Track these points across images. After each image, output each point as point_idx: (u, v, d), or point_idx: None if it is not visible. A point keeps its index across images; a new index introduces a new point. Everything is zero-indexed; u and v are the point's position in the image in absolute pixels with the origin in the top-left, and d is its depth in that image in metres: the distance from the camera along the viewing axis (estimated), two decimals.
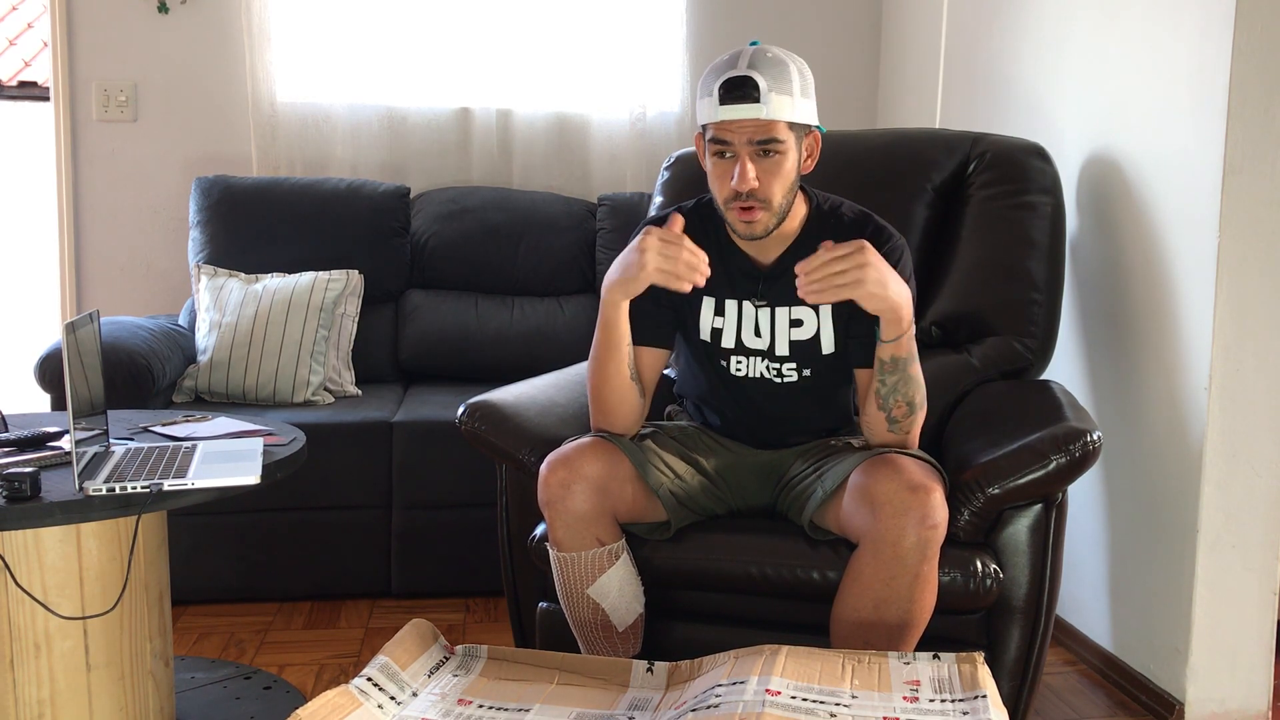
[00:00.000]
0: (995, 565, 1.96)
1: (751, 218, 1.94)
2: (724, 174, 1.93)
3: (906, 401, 1.92)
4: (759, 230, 1.96)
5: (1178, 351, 2.41)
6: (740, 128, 1.89)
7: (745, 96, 1.87)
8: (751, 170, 1.90)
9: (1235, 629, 2.39)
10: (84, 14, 3.56)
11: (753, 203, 1.92)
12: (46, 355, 2.79)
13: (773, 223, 1.96)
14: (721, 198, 1.96)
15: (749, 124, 1.88)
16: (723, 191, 1.95)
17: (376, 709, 1.56)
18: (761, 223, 1.95)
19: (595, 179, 3.81)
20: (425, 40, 3.68)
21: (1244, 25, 2.23)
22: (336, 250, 3.39)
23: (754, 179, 1.90)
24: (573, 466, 1.91)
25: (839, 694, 1.56)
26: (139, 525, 1.97)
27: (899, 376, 1.90)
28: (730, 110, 1.88)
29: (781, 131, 1.90)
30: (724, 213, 1.98)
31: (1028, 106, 2.99)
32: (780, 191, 1.94)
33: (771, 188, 1.92)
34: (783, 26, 3.90)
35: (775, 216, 1.96)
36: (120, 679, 2.00)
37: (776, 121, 1.89)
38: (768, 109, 1.87)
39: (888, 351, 1.89)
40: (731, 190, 1.92)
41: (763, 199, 1.92)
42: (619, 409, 2.02)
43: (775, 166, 1.92)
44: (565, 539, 1.93)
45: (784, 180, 1.93)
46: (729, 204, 1.95)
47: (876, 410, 1.95)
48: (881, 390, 1.93)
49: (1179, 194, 2.40)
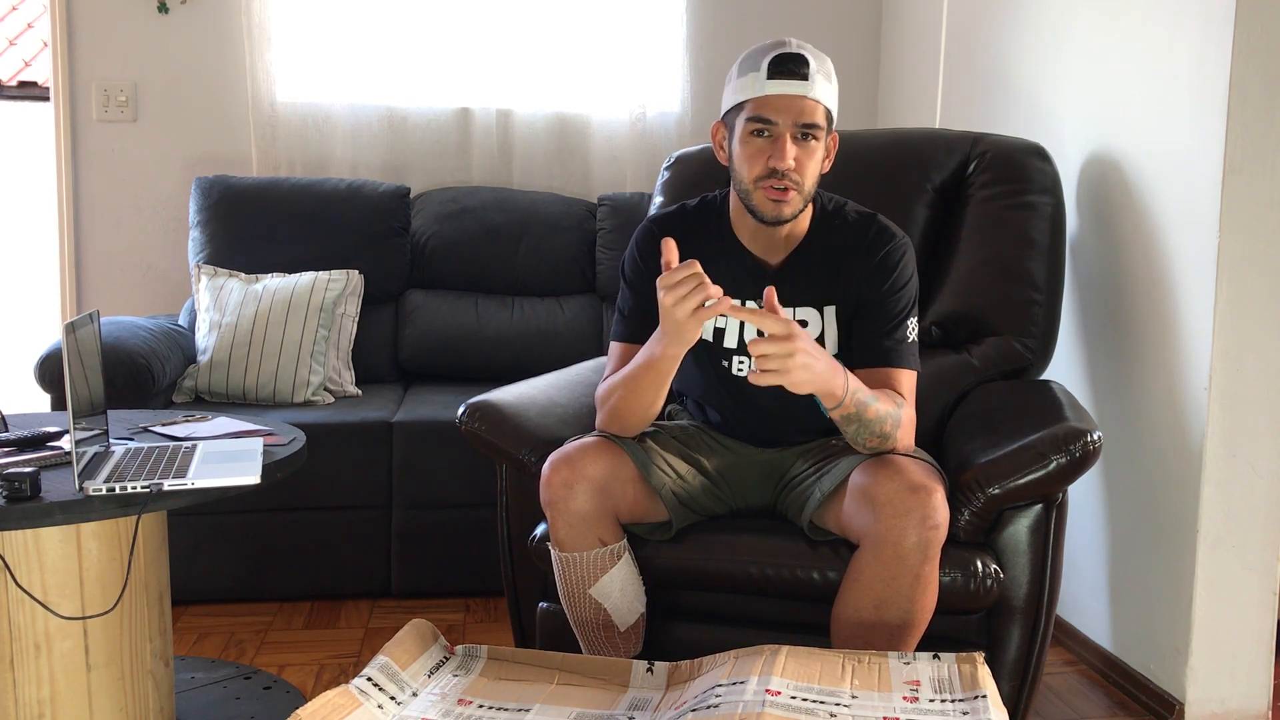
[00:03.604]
0: (995, 565, 1.96)
1: (784, 198, 1.92)
2: (759, 153, 1.92)
3: (877, 435, 1.91)
4: (787, 213, 1.94)
5: (1178, 351, 2.41)
6: (786, 107, 1.88)
7: (795, 73, 1.87)
8: (792, 150, 1.90)
9: (1235, 629, 2.39)
10: (84, 14, 3.56)
11: (787, 183, 1.91)
12: (46, 355, 2.79)
13: (800, 207, 1.96)
14: (751, 177, 1.93)
15: (794, 104, 1.88)
16: (754, 170, 1.92)
17: (376, 709, 1.56)
18: (792, 204, 1.94)
19: (595, 179, 3.81)
20: (425, 40, 3.68)
21: (1244, 25, 2.23)
22: (336, 250, 3.39)
23: (793, 159, 1.90)
24: (575, 466, 1.91)
25: (839, 694, 1.56)
26: (139, 525, 1.97)
27: (857, 425, 1.88)
28: (779, 85, 1.88)
29: (821, 118, 1.91)
30: (748, 194, 1.95)
31: (1028, 106, 2.99)
32: (812, 178, 1.94)
33: (806, 171, 1.92)
34: (783, 26, 3.90)
35: (804, 201, 1.96)
36: (120, 679, 2.00)
37: (819, 105, 1.91)
38: (814, 89, 1.89)
39: (836, 415, 1.87)
40: (767, 168, 1.91)
41: (797, 180, 1.92)
42: (637, 426, 2.02)
43: (811, 153, 1.92)
44: (567, 539, 1.92)
45: (816, 168, 1.94)
46: (760, 182, 1.92)
47: (852, 442, 1.95)
48: (848, 436, 1.92)
49: (1179, 194, 2.40)
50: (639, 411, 1.97)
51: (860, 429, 1.89)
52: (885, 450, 1.93)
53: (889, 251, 2.01)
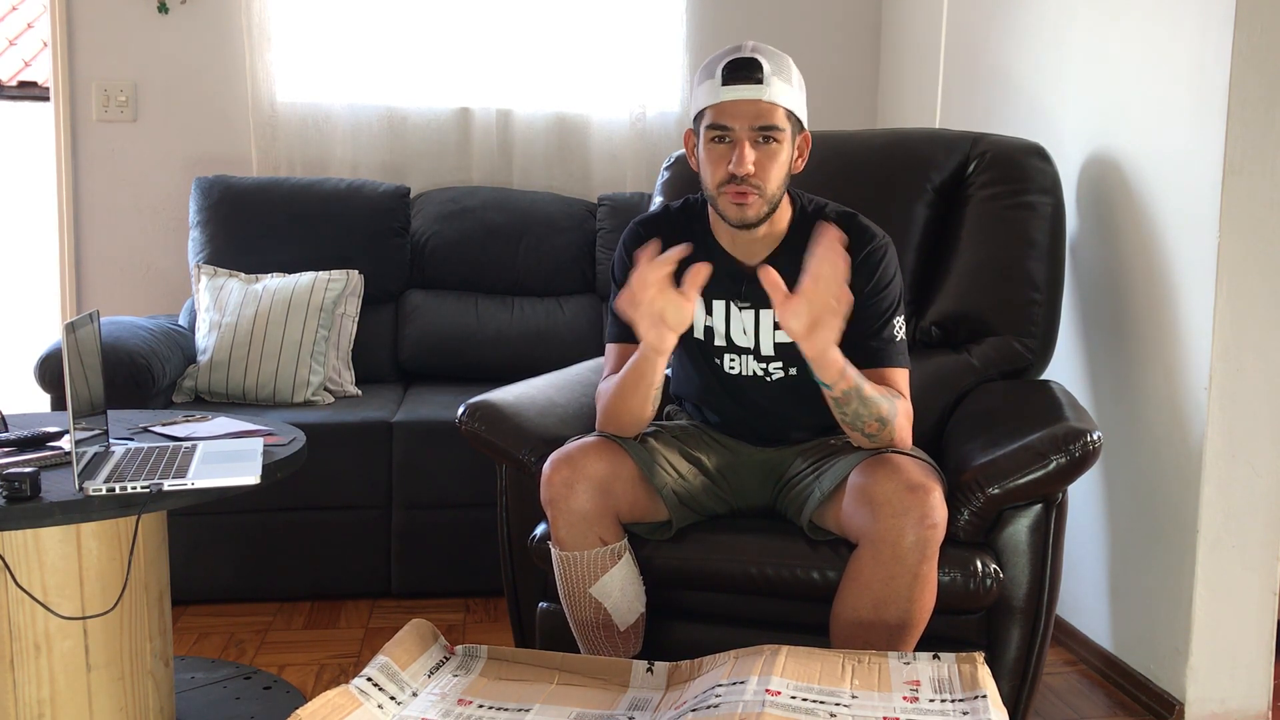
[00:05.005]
0: (995, 565, 1.96)
1: (744, 201, 1.93)
2: (720, 158, 1.93)
3: (875, 419, 1.91)
4: (751, 216, 1.95)
5: (1178, 352, 2.41)
6: (742, 112, 1.89)
7: (749, 78, 1.88)
8: (750, 154, 1.90)
9: (1235, 629, 2.39)
10: (84, 14, 3.56)
11: (747, 188, 1.92)
12: (46, 355, 2.79)
13: (764, 210, 1.96)
14: (714, 183, 1.95)
15: (750, 108, 1.89)
16: (716, 176, 1.94)
17: (376, 709, 1.56)
18: (754, 207, 1.94)
19: (595, 179, 3.81)
20: (425, 40, 3.68)
21: (1244, 25, 2.23)
22: (336, 250, 3.39)
23: (752, 163, 1.90)
24: (576, 466, 1.91)
25: (839, 694, 1.56)
26: (139, 525, 1.97)
27: (857, 403, 1.89)
28: (733, 90, 1.88)
29: (781, 119, 1.91)
30: (714, 200, 1.97)
31: (1028, 106, 2.99)
32: (775, 180, 1.94)
33: (768, 174, 1.93)
34: (783, 26, 3.90)
35: (768, 204, 1.96)
36: (120, 679, 2.00)
37: (777, 107, 1.90)
38: (769, 92, 1.88)
39: (837, 391, 1.87)
40: (726, 173, 1.92)
41: (757, 184, 1.92)
42: (633, 427, 2.02)
43: (772, 155, 1.92)
44: (567, 538, 1.92)
45: (779, 170, 1.94)
46: (722, 188, 1.94)
47: (850, 430, 1.96)
48: (846, 419, 1.93)
49: (1179, 194, 2.40)
50: (631, 412, 1.98)
51: (861, 408, 1.89)
52: (886, 441, 1.93)
53: (870, 251, 2.01)
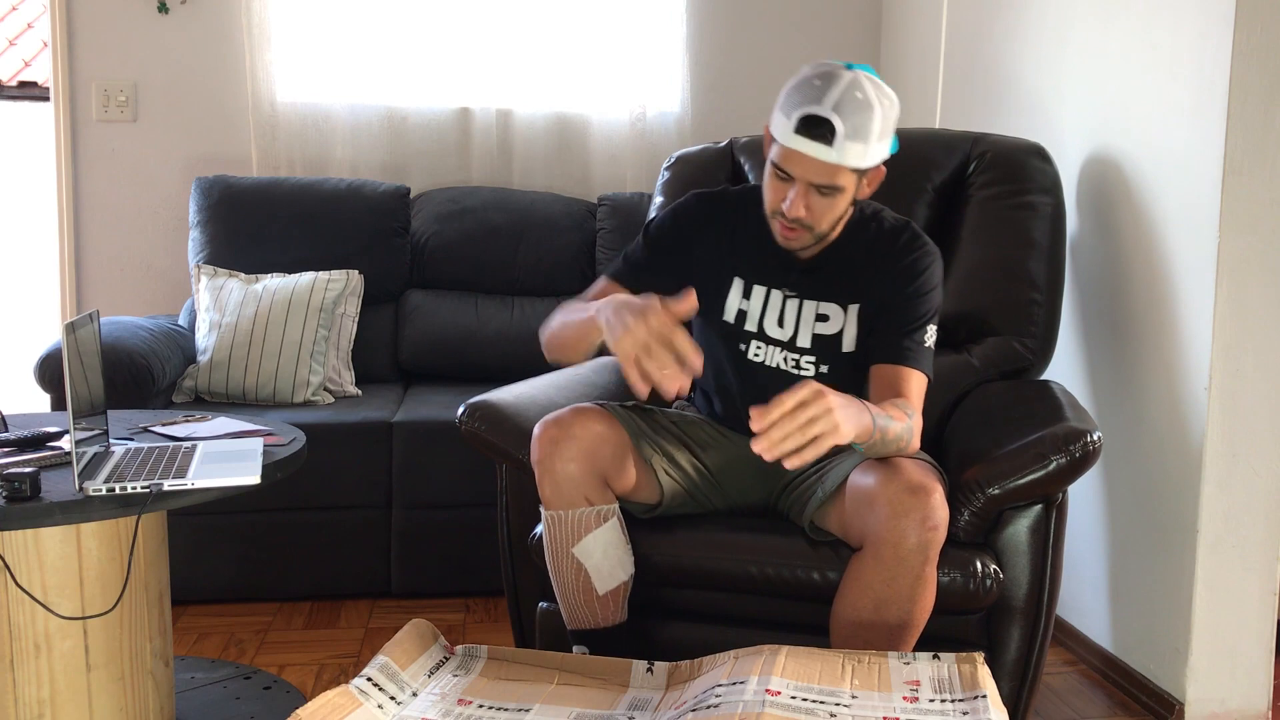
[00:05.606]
0: (995, 565, 1.96)
1: (791, 236, 1.96)
2: (778, 190, 1.94)
3: (895, 451, 1.90)
4: (795, 246, 2.00)
5: (1178, 352, 2.41)
6: (807, 165, 1.88)
7: (820, 137, 1.84)
8: (804, 201, 1.91)
9: (1235, 629, 2.39)
10: (84, 14, 3.56)
11: (797, 225, 1.94)
12: (46, 355, 2.79)
13: (810, 242, 1.99)
14: (770, 207, 1.97)
15: (815, 165, 1.87)
16: (773, 202, 1.95)
17: (376, 709, 1.56)
18: (800, 241, 1.98)
19: (595, 179, 3.81)
20: (425, 40, 3.68)
21: (1244, 25, 2.23)
22: (336, 250, 3.39)
23: (804, 210, 1.91)
24: (565, 427, 1.93)
25: (839, 694, 1.56)
26: (139, 525, 1.97)
27: (880, 448, 1.86)
28: (800, 143, 1.86)
29: (845, 178, 1.90)
30: (768, 216, 1.99)
31: (1028, 106, 2.99)
32: (828, 221, 1.95)
33: (821, 220, 1.94)
34: (783, 27, 3.90)
35: (815, 239, 1.98)
36: (120, 679, 2.00)
37: (843, 169, 1.88)
38: (837, 154, 1.85)
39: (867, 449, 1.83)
40: (780, 208, 1.94)
41: (809, 225, 1.94)
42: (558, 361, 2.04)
43: (829, 204, 1.93)
44: (553, 497, 1.93)
45: (834, 213, 1.95)
46: (774, 215, 1.96)
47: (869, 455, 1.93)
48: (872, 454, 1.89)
49: (1179, 194, 2.40)
50: (563, 348, 1.99)
51: (881, 449, 1.87)
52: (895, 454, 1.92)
53: (918, 257, 2.03)
